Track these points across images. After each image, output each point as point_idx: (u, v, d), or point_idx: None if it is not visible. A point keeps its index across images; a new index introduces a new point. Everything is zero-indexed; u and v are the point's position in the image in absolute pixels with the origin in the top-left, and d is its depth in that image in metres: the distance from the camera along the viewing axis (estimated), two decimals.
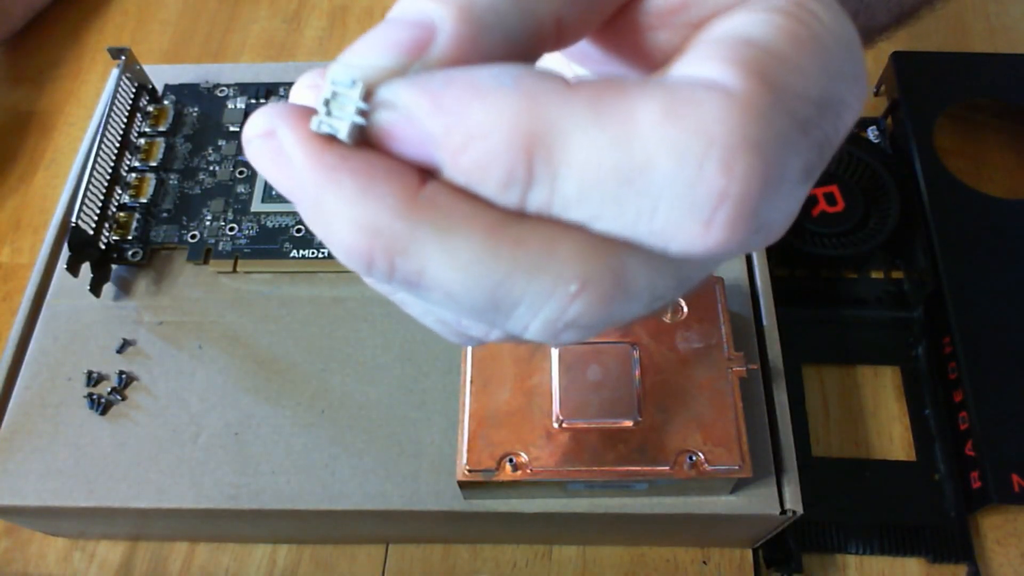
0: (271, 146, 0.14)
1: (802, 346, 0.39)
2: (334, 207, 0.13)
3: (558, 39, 0.15)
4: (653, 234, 0.13)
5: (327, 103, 0.14)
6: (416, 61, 0.14)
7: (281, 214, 0.36)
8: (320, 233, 0.14)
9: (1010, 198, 0.41)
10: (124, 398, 0.32)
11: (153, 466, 0.31)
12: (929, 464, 0.36)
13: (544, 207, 0.14)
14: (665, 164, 0.13)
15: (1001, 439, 0.35)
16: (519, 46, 0.15)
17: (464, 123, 0.13)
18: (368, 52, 0.14)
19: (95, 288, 0.34)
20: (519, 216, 0.14)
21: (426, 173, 0.14)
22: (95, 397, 0.32)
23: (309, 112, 0.14)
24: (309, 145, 0.14)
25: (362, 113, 0.14)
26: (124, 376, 0.33)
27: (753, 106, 0.13)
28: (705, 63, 0.14)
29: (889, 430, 0.38)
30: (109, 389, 0.32)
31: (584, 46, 0.17)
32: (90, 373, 0.33)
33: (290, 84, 0.39)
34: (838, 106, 0.14)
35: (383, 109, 0.14)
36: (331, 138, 0.14)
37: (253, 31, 0.53)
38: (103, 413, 0.32)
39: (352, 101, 0.14)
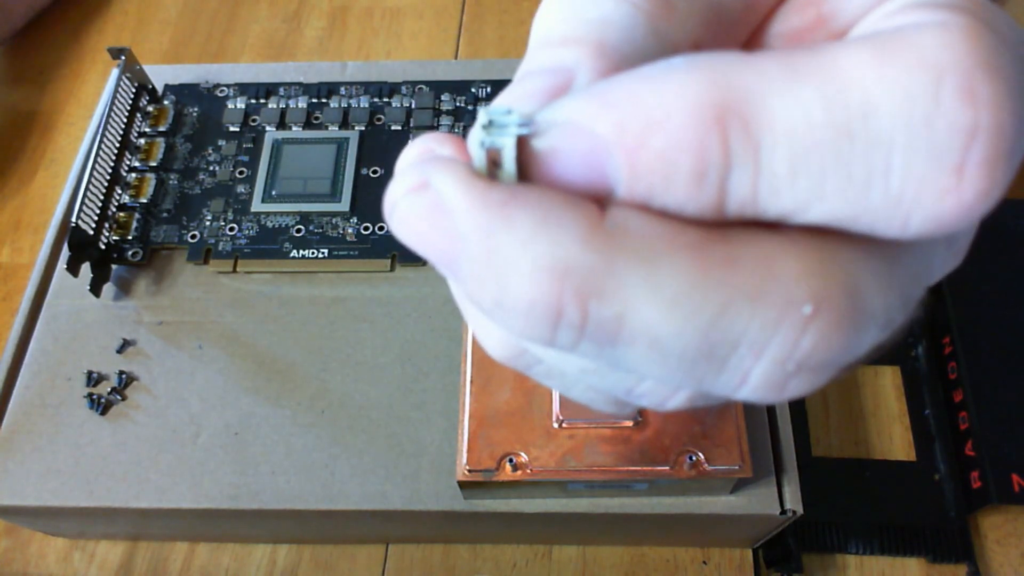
0: (425, 201, 0.12)
1: None
2: (509, 252, 0.11)
3: None
4: (891, 203, 0.11)
5: (484, 128, 0.12)
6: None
7: (281, 214, 0.36)
8: (491, 295, 0.12)
9: (1010, 198, 0.41)
10: (124, 398, 0.32)
11: (153, 466, 0.31)
12: (929, 464, 0.36)
13: (749, 198, 0.11)
14: (891, 105, 0.11)
15: (1001, 439, 0.35)
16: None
17: (638, 111, 0.11)
18: (510, 103, 0.13)
19: (95, 288, 0.34)
20: (722, 230, 0.12)
21: (601, 202, 0.12)
22: (95, 397, 0.32)
23: (460, 157, 0.13)
24: (472, 186, 0.12)
25: (524, 138, 0.12)
26: (124, 376, 0.33)
27: (976, 31, 0.11)
28: (895, 17, 0.12)
29: (889, 430, 0.38)
30: (109, 389, 0.32)
31: None
32: (90, 373, 0.33)
33: (290, 84, 0.39)
34: None
35: (547, 129, 0.12)
36: (493, 179, 0.12)
37: (253, 31, 0.53)
38: (103, 413, 0.32)
39: (511, 130, 0.12)
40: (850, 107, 0.11)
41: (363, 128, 0.38)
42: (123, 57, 0.37)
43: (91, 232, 0.34)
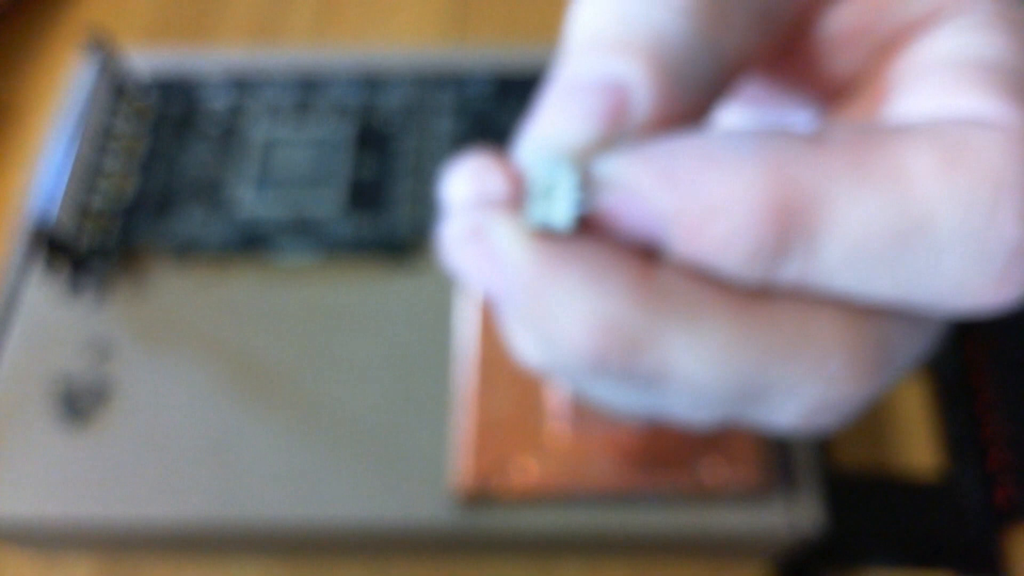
0: (480, 248, 0.13)
1: None
2: (561, 304, 0.12)
3: (738, 75, 0.14)
4: (931, 297, 0.12)
5: (540, 195, 0.12)
6: (620, 130, 0.13)
7: (269, 214, 0.34)
8: (539, 333, 0.13)
9: None
10: (103, 405, 0.31)
11: (134, 476, 0.30)
12: (956, 476, 0.35)
13: (797, 279, 0.12)
14: (950, 217, 0.11)
15: None
16: (709, 91, 0.13)
17: (702, 198, 0.12)
18: (563, 127, 0.13)
19: (74, 290, 0.32)
20: (764, 294, 0.13)
21: (651, 256, 0.13)
22: (73, 404, 0.31)
23: (515, 204, 0.13)
24: (526, 244, 0.12)
25: (580, 202, 0.12)
26: (103, 382, 0.31)
27: None
28: (955, 97, 0.12)
29: (913, 441, 0.36)
30: (88, 396, 0.31)
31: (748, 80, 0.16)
32: (68, 379, 0.31)
33: (280, 76, 0.38)
34: None
35: (604, 191, 0.12)
36: (547, 231, 0.13)
37: (240, 10, 0.51)
38: (81, 421, 0.31)
39: (568, 189, 0.12)
40: (911, 217, 0.12)
41: (359, 125, 0.36)
42: (102, 49, 0.36)
43: (69, 232, 0.33)
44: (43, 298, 0.33)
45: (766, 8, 0.14)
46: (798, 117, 0.17)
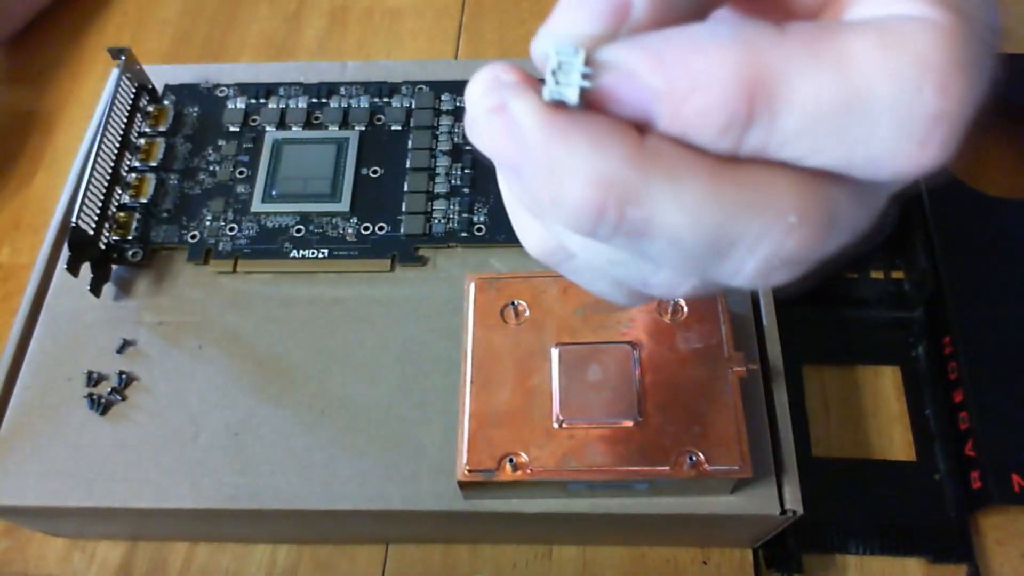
0: (501, 119, 0.15)
1: (802, 346, 0.39)
2: (567, 165, 0.14)
3: None
4: (869, 160, 0.14)
5: (554, 73, 0.14)
6: (622, 26, 0.15)
7: (281, 214, 0.36)
8: (549, 195, 0.15)
9: (1010, 198, 0.41)
10: (124, 398, 0.32)
11: (153, 466, 0.31)
12: (929, 464, 0.36)
13: (760, 148, 0.14)
14: (885, 91, 0.14)
15: (1001, 439, 0.35)
16: (698, 6, 0.16)
17: (686, 76, 0.14)
18: (574, 22, 0.15)
19: (95, 288, 0.34)
20: (734, 160, 0.15)
21: (643, 128, 0.15)
22: (95, 397, 0.32)
23: (532, 84, 0.15)
24: (541, 113, 0.15)
25: (586, 77, 0.14)
26: (124, 376, 0.33)
27: (958, 33, 0.14)
28: (894, 4, 0.15)
29: (889, 430, 0.38)
30: (109, 389, 0.32)
31: (725, 7, 0.19)
32: (90, 373, 0.33)
33: (290, 84, 0.39)
34: (996, 29, 0.15)
35: (606, 71, 0.14)
36: (558, 104, 0.15)
37: (253, 31, 0.53)
38: (103, 413, 0.32)
39: (576, 68, 0.14)
40: (854, 91, 0.14)
41: (363, 128, 0.38)
42: (123, 57, 0.37)
43: (91, 232, 0.34)
44: (67, 296, 0.35)
45: None
46: None
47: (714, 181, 0.14)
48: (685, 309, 0.30)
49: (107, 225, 0.35)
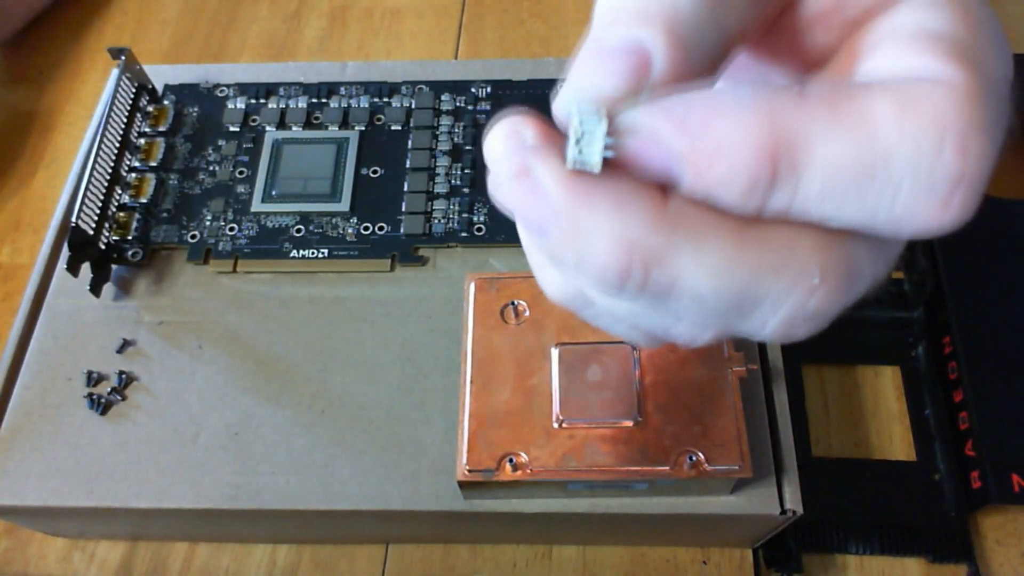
0: (526, 184, 0.15)
1: (802, 346, 0.38)
2: (592, 229, 0.15)
3: (738, 48, 0.16)
4: (891, 221, 0.15)
5: (578, 141, 0.15)
6: (643, 85, 0.15)
7: (281, 214, 0.36)
8: (574, 257, 0.15)
9: (1010, 198, 0.41)
10: (124, 398, 0.32)
11: (153, 466, 0.31)
12: (929, 464, 0.36)
13: (783, 209, 0.15)
14: (905, 154, 0.14)
15: (1001, 439, 0.35)
16: (714, 59, 0.16)
17: (709, 140, 0.14)
18: (596, 82, 0.15)
19: (95, 288, 0.34)
20: (757, 220, 0.15)
21: (665, 189, 0.15)
22: (95, 397, 0.32)
23: (554, 140, 0.16)
24: (564, 178, 0.15)
25: (608, 146, 0.15)
26: (124, 376, 0.33)
27: (976, 93, 0.14)
28: (909, 59, 0.15)
29: (889, 430, 0.38)
30: (109, 389, 0.32)
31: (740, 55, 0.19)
32: (90, 373, 0.33)
33: (290, 84, 0.39)
34: (1009, 79, 0.15)
35: (629, 136, 0.15)
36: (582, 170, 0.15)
37: (253, 31, 0.53)
38: (103, 413, 0.32)
39: (599, 135, 0.15)
40: (875, 154, 0.14)
41: (363, 128, 0.38)
42: (123, 57, 0.37)
43: (91, 232, 0.34)
44: (67, 296, 0.35)
45: None
46: (781, 83, 0.19)
47: (737, 244, 0.15)
48: None
49: (107, 225, 0.35)
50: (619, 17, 0.15)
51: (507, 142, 0.16)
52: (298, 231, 0.35)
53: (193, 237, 0.35)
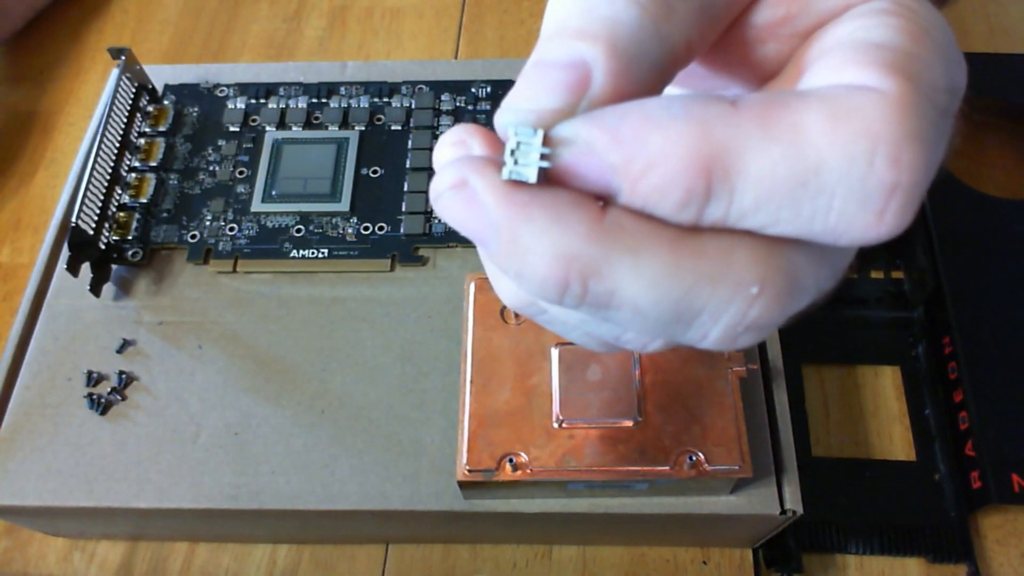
0: (463, 196, 0.15)
1: (802, 346, 0.39)
2: (529, 241, 0.14)
3: (686, 60, 0.16)
4: (827, 230, 0.14)
5: (513, 153, 0.15)
6: (582, 99, 0.15)
7: (281, 214, 0.36)
8: (513, 268, 0.15)
9: (1010, 198, 0.41)
10: (124, 398, 0.32)
11: (153, 466, 0.31)
12: (929, 464, 0.36)
13: (720, 220, 0.14)
14: (837, 165, 0.14)
15: (1001, 439, 0.35)
16: (659, 72, 0.16)
17: (643, 152, 0.14)
18: (535, 96, 0.15)
19: (95, 288, 0.34)
20: (694, 230, 0.15)
21: (603, 200, 0.15)
22: (95, 397, 0.32)
23: (492, 161, 0.15)
24: (500, 189, 0.15)
25: (545, 157, 0.15)
26: (124, 376, 0.33)
27: (908, 103, 0.14)
28: (846, 69, 0.15)
29: (889, 430, 0.38)
30: (109, 389, 0.32)
31: (692, 65, 0.18)
32: (90, 373, 0.33)
33: (290, 84, 0.39)
34: (958, 89, 0.15)
35: (564, 148, 0.15)
36: (518, 181, 0.15)
37: (253, 31, 0.53)
38: (103, 413, 0.32)
39: (535, 147, 0.15)
40: (807, 165, 0.14)
41: (363, 128, 0.38)
42: (123, 57, 0.37)
43: (91, 232, 0.34)
44: (67, 296, 0.35)
45: (707, 2, 0.16)
46: (737, 92, 0.19)
47: (674, 255, 0.14)
48: None
49: (107, 225, 0.35)
50: (561, 32, 0.15)
51: (452, 151, 0.16)
52: (298, 231, 0.35)
53: (193, 237, 0.35)
